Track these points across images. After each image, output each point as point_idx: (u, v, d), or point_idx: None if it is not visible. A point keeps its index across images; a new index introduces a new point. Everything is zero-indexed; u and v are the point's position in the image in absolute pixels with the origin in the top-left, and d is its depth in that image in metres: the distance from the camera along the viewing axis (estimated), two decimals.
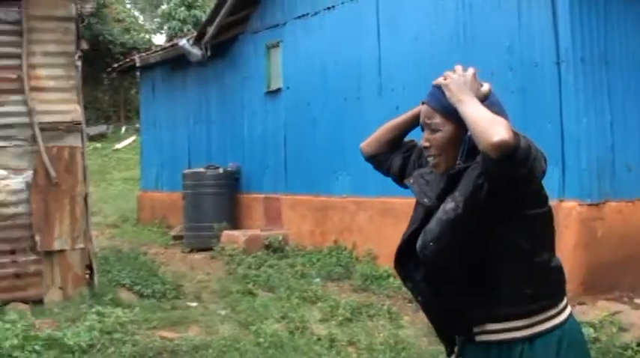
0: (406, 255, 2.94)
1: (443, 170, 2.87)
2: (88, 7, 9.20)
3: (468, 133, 2.71)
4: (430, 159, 2.90)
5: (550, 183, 7.90)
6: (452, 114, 2.75)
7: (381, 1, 10.85)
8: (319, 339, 7.26)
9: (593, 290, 7.73)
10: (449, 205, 2.70)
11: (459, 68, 2.79)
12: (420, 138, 3.01)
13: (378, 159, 3.31)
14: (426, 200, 2.92)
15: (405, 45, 10.32)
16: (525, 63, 8.53)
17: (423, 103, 2.92)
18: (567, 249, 7.76)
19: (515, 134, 2.47)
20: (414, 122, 3.15)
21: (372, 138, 3.31)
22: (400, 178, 3.23)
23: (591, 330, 6.75)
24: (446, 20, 9.63)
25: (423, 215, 2.89)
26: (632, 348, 6.50)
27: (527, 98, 8.47)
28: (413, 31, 10.20)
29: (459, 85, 2.71)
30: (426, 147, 2.90)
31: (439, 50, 9.66)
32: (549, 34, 8.20)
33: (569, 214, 7.86)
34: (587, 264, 7.80)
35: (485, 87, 2.78)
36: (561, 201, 7.98)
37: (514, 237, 2.70)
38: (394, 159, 3.26)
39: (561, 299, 2.82)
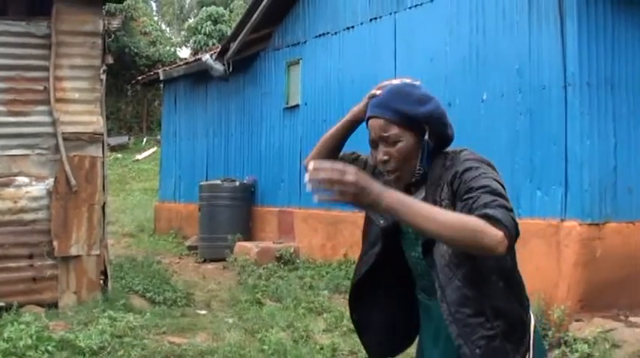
0: (366, 283, 3.02)
1: (406, 182, 2.80)
2: (115, 24, 9.51)
3: (426, 137, 2.73)
4: (391, 174, 2.79)
5: (553, 202, 8.17)
6: (409, 121, 2.71)
7: (399, 23, 11.10)
8: (322, 348, 7.44)
9: (590, 308, 7.88)
10: (443, 248, 2.67)
11: (315, 168, 2.33)
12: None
13: None
14: (381, 221, 2.91)
15: (421, 66, 10.50)
16: (534, 86, 8.72)
17: (370, 118, 2.80)
18: (567, 268, 7.97)
19: (499, 222, 2.38)
20: (349, 129, 3.10)
21: (313, 154, 3.21)
22: None
23: (585, 346, 6.96)
24: (460, 43, 9.84)
25: (381, 235, 2.94)
26: None
27: (534, 120, 8.67)
28: (428, 53, 10.41)
29: (364, 192, 2.33)
30: (385, 162, 2.77)
31: (453, 72, 9.89)
32: (557, 58, 8.38)
33: (569, 233, 8.02)
34: (585, 283, 7.94)
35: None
36: (562, 220, 8.16)
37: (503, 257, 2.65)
38: None
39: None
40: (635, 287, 8.11)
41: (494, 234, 2.34)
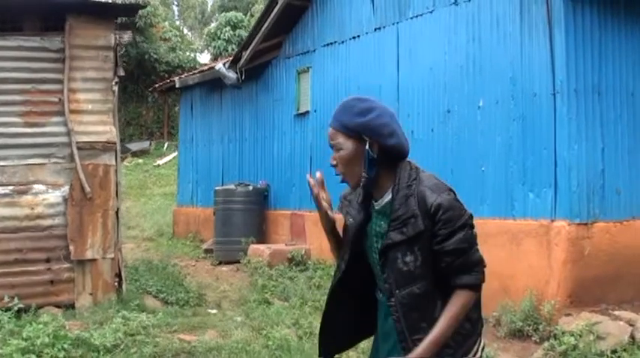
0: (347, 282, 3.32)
1: (353, 184, 3.16)
2: (126, 37, 9.84)
3: (366, 147, 3.03)
4: (339, 176, 3.16)
5: (543, 204, 8.53)
6: (350, 132, 3.04)
7: (401, 33, 11.43)
8: None
9: (579, 303, 8.22)
10: (409, 258, 3.03)
11: None
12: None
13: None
14: (351, 220, 3.25)
15: (421, 74, 10.85)
16: (526, 93, 9.05)
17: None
18: (557, 265, 8.32)
19: (476, 287, 3.04)
20: (328, 220, 3.34)
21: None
22: None
23: (572, 338, 7.33)
24: (458, 53, 10.18)
25: (354, 232, 3.26)
26: (607, 355, 7.13)
27: (526, 125, 9.01)
28: (428, 62, 10.75)
29: None
30: (333, 166, 3.13)
31: (451, 80, 10.24)
32: (547, 67, 8.72)
33: (559, 233, 8.36)
34: (574, 279, 8.29)
35: None
36: (552, 220, 8.50)
37: None
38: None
39: None
40: (622, 283, 8.47)
41: (472, 299, 3.03)
